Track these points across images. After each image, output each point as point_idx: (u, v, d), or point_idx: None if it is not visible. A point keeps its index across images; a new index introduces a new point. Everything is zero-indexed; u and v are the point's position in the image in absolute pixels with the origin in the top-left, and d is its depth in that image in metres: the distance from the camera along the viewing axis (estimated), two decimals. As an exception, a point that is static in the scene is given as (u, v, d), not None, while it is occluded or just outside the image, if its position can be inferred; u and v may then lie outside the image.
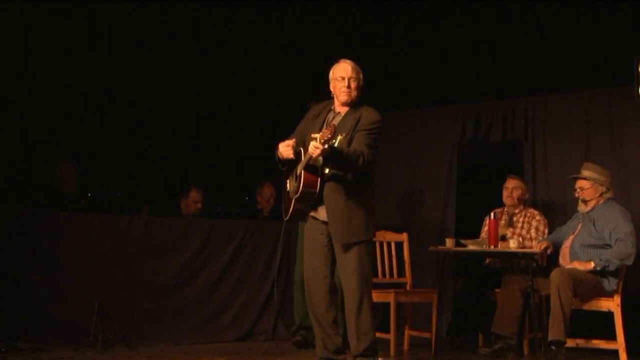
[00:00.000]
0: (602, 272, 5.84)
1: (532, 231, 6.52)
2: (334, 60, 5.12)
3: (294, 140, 4.99)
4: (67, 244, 6.14)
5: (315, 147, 4.60)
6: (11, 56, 6.93)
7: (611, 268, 5.82)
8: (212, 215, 7.20)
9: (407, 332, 6.73)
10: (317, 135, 4.59)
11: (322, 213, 4.95)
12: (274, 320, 6.91)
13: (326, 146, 4.55)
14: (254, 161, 7.42)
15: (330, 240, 4.97)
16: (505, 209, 6.75)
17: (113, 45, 7.32)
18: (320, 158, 4.74)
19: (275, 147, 5.10)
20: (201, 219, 6.95)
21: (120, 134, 7.35)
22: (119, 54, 7.35)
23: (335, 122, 4.92)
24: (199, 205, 7.28)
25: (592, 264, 5.84)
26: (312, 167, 4.85)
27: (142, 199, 7.18)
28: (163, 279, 6.52)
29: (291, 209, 4.98)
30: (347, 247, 4.88)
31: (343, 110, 5.02)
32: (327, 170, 4.83)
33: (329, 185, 4.86)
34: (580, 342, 5.93)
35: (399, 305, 6.40)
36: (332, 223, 4.88)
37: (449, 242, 6.25)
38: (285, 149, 4.97)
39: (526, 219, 6.63)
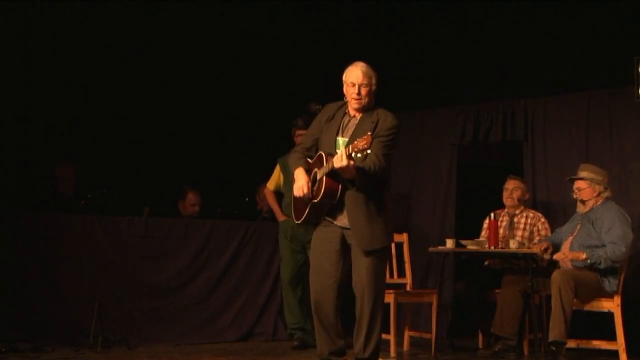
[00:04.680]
0: (591, 267, 5.84)
1: (537, 238, 6.49)
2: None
3: (309, 188, 4.78)
4: (67, 245, 6.15)
5: (344, 160, 4.47)
6: (12, 56, 6.92)
7: (602, 266, 5.82)
8: (212, 216, 7.19)
9: (407, 333, 6.73)
10: (347, 147, 4.49)
11: (340, 220, 4.81)
12: (274, 321, 6.91)
13: (352, 163, 4.46)
14: (253, 162, 7.42)
15: (344, 244, 4.85)
16: (506, 210, 6.75)
17: (113, 46, 7.31)
18: (350, 164, 4.54)
19: (292, 151, 5.02)
20: (201, 220, 6.95)
21: (121, 134, 7.34)
22: (120, 55, 7.34)
23: (352, 126, 4.83)
24: (197, 208, 7.26)
25: (584, 255, 5.84)
26: (334, 174, 4.68)
27: (143, 200, 7.17)
28: (163, 280, 6.53)
29: (306, 212, 4.82)
30: (368, 253, 4.77)
31: (358, 114, 4.88)
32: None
33: (350, 192, 4.72)
34: (581, 342, 5.93)
35: (399, 306, 6.41)
36: (355, 230, 4.75)
37: (449, 243, 6.24)
38: (300, 189, 4.76)
39: (528, 220, 6.62)
